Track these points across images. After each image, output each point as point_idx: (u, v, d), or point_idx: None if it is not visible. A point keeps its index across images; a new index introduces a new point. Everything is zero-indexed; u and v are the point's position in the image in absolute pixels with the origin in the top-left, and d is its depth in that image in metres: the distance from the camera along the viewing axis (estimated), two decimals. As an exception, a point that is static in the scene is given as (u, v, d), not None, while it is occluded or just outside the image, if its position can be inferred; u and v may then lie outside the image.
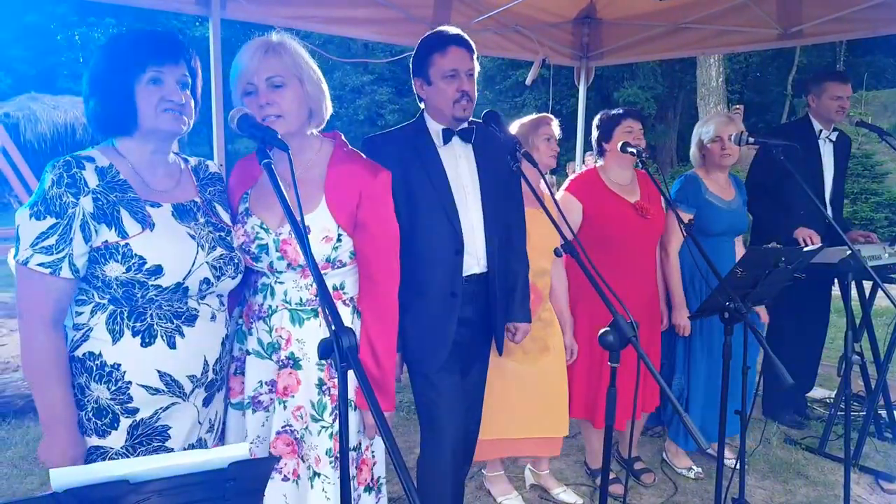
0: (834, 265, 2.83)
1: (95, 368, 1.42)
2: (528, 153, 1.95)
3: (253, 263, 1.67)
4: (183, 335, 1.48)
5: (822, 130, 3.46)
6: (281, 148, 1.36)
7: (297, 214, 1.24)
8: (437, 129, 2.10)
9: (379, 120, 20.63)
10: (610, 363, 1.64)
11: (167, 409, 1.49)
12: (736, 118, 2.99)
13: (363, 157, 1.79)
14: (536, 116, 2.70)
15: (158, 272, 1.42)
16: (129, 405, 1.44)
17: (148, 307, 1.44)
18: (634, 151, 2.57)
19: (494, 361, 2.39)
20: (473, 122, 2.14)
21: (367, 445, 1.77)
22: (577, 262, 1.69)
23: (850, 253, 2.60)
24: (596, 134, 2.86)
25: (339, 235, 1.65)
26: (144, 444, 1.48)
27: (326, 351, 1.09)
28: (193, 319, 1.51)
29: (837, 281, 3.31)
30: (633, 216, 2.73)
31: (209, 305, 1.55)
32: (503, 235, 2.18)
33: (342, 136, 1.83)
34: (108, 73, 1.43)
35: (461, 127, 2.11)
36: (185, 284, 1.46)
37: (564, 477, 3.03)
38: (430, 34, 2.10)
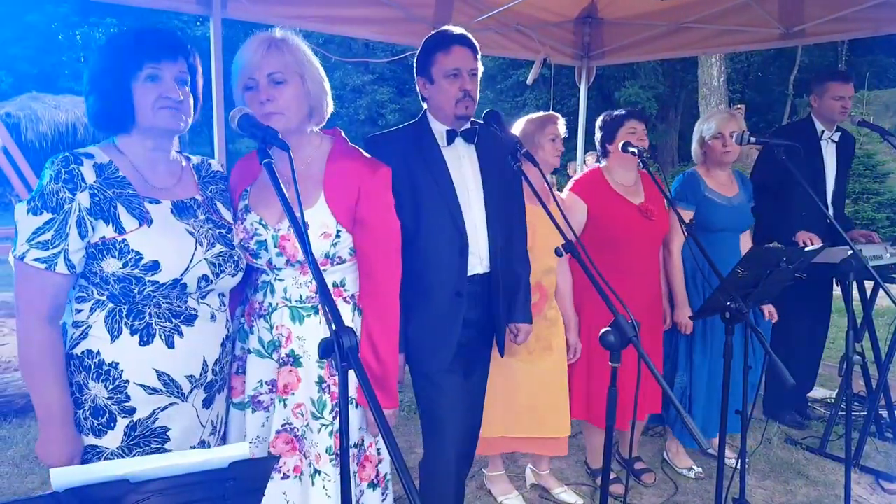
0: (835, 265, 2.82)
1: (93, 367, 1.42)
2: (528, 153, 1.95)
3: (252, 260, 1.66)
4: (182, 335, 1.48)
5: (824, 131, 3.46)
6: (281, 147, 1.36)
7: (296, 211, 1.24)
8: (440, 129, 2.10)
9: (380, 119, 20.66)
10: (611, 363, 1.64)
11: (165, 409, 1.48)
12: (738, 115, 2.98)
13: (363, 153, 1.79)
14: (543, 115, 2.68)
15: (155, 268, 1.41)
16: (126, 405, 1.44)
17: (147, 305, 1.43)
18: (635, 151, 2.57)
19: (499, 360, 2.39)
20: (475, 122, 2.14)
21: (370, 442, 1.77)
22: (577, 261, 1.69)
23: (851, 253, 2.60)
24: (599, 135, 2.86)
25: (337, 231, 1.64)
26: (142, 445, 1.47)
27: (327, 351, 1.08)
28: (193, 319, 1.50)
29: (839, 281, 3.31)
30: (637, 218, 2.72)
31: (209, 305, 1.54)
32: (505, 236, 2.18)
33: (342, 132, 1.83)
34: (105, 71, 1.43)
35: (464, 127, 2.11)
36: (182, 281, 1.45)
37: (565, 477, 3.03)
38: (434, 33, 2.10)
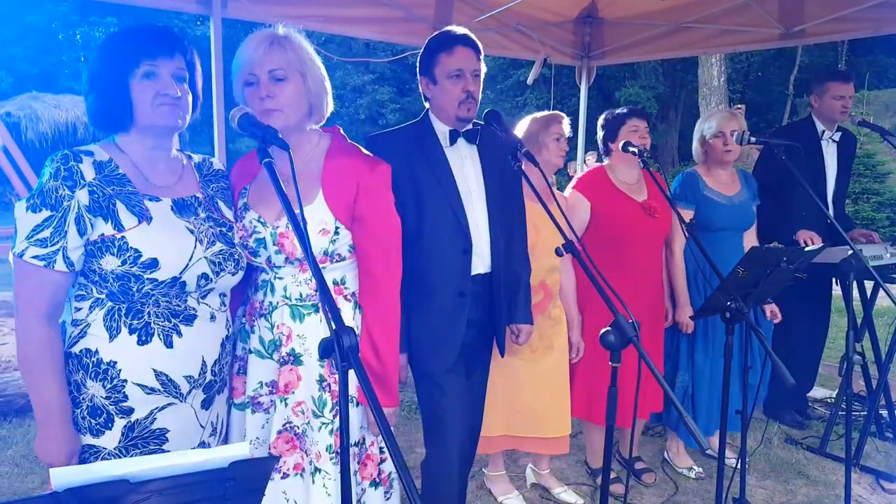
0: (835, 265, 2.82)
1: (91, 365, 1.42)
2: (529, 152, 1.95)
3: (252, 259, 1.66)
4: (180, 334, 1.47)
5: (824, 131, 3.46)
6: (281, 147, 1.36)
7: (296, 208, 1.24)
8: (443, 129, 2.10)
9: (380, 119, 20.66)
10: (611, 363, 1.64)
11: (163, 409, 1.47)
12: (738, 114, 2.98)
13: (361, 150, 1.78)
14: (548, 114, 2.66)
15: (154, 266, 1.40)
16: (123, 404, 1.43)
17: (146, 304, 1.43)
18: (635, 151, 2.56)
19: (501, 359, 2.39)
20: (476, 123, 2.13)
21: (371, 441, 1.76)
22: (577, 261, 1.69)
23: (851, 253, 2.60)
24: (601, 134, 2.86)
25: (336, 228, 1.63)
26: (140, 447, 1.46)
27: (327, 351, 1.08)
28: (192, 319, 1.49)
29: (839, 281, 3.31)
30: (640, 215, 2.72)
31: (209, 305, 1.53)
32: (506, 236, 2.18)
33: (341, 130, 1.82)
34: (103, 69, 1.43)
35: (466, 128, 2.11)
36: (181, 279, 1.45)
37: (565, 476, 3.03)
38: (437, 33, 2.10)
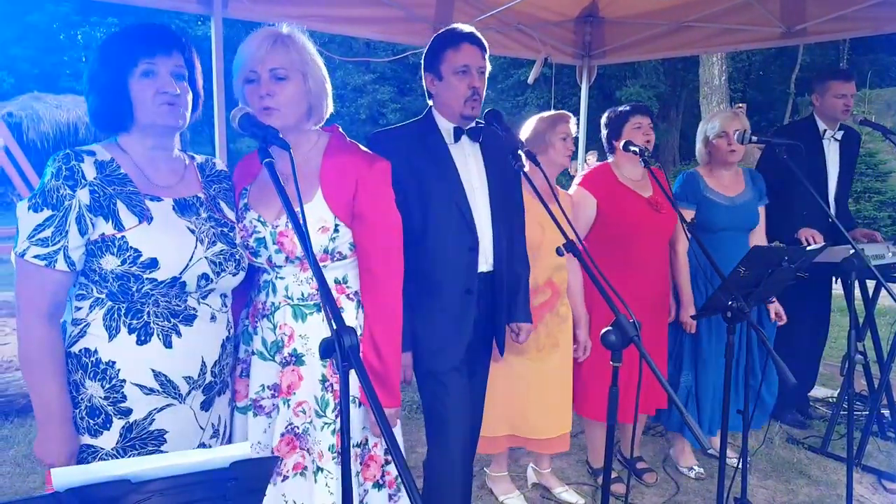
0: (837, 264, 2.82)
1: (90, 365, 1.41)
2: (530, 152, 1.94)
3: (253, 259, 1.66)
4: (180, 334, 1.46)
5: (826, 130, 3.45)
6: (282, 146, 1.36)
7: (296, 206, 1.24)
8: (447, 126, 2.10)
9: (381, 119, 20.67)
10: (612, 362, 1.64)
11: (162, 410, 1.46)
12: (741, 114, 2.97)
13: (360, 147, 1.78)
14: (554, 113, 2.66)
15: (153, 265, 1.40)
16: (122, 405, 1.43)
17: (145, 304, 1.43)
18: (636, 150, 2.56)
19: (508, 359, 2.40)
20: (479, 121, 2.13)
21: (375, 442, 1.75)
22: (578, 260, 1.69)
23: (853, 252, 2.59)
24: (605, 132, 2.86)
25: (336, 226, 1.63)
26: (138, 447, 1.45)
27: (328, 350, 1.08)
28: (192, 319, 1.49)
29: (841, 280, 3.31)
30: (648, 211, 2.72)
31: (209, 305, 1.53)
32: (508, 235, 2.18)
33: (339, 128, 1.82)
34: (102, 69, 1.44)
35: (470, 126, 2.11)
36: (182, 279, 1.44)
37: (566, 476, 3.03)
38: (444, 30, 2.10)
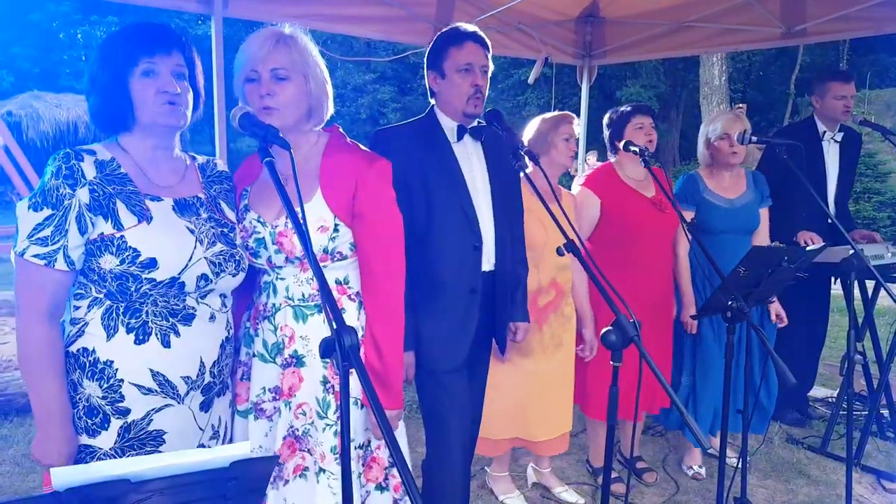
0: (837, 264, 2.82)
1: (88, 365, 1.41)
2: (531, 152, 1.94)
3: (253, 260, 1.66)
4: (178, 334, 1.46)
5: (825, 131, 3.45)
6: (282, 146, 1.36)
7: (296, 206, 1.24)
8: (450, 125, 2.10)
9: (381, 119, 20.66)
10: (612, 362, 1.64)
11: (160, 410, 1.46)
12: (742, 116, 2.97)
13: (360, 147, 1.77)
14: (558, 114, 2.66)
15: (152, 265, 1.40)
16: (119, 405, 1.42)
17: (144, 303, 1.42)
18: (637, 150, 2.56)
19: (513, 360, 2.40)
20: (479, 120, 2.13)
21: (378, 444, 1.74)
22: (578, 260, 1.69)
23: (852, 252, 2.59)
24: (607, 132, 2.86)
25: (335, 225, 1.62)
26: (136, 448, 1.44)
27: (328, 350, 1.07)
28: (190, 319, 1.48)
29: (840, 280, 3.31)
30: (651, 210, 2.73)
31: (209, 305, 1.52)
32: (509, 235, 2.19)
33: (339, 128, 1.82)
34: (102, 69, 1.43)
35: (472, 124, 2.11)
36: (180, 279, 1.44)
37: (566, 476, 3.03)
38: (447, 29, 2.11)
